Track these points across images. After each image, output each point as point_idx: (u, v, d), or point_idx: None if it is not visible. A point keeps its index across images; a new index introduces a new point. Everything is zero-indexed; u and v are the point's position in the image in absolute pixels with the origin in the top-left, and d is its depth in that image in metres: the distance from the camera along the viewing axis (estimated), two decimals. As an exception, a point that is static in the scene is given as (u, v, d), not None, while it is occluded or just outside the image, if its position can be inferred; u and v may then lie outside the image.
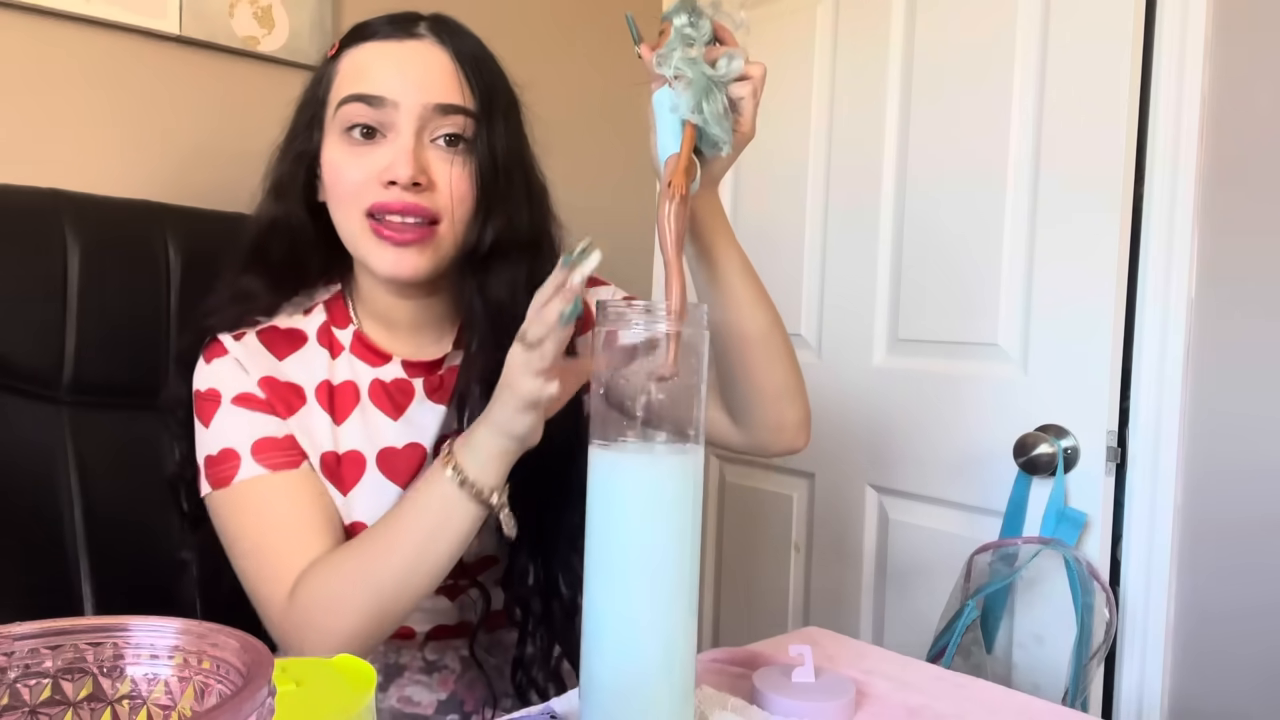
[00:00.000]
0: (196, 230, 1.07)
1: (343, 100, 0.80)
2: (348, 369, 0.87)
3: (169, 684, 0.36)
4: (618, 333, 0.61)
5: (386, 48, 0.81)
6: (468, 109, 0.80)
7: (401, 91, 0.79)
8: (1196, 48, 1.17)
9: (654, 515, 0.61)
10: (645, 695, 0.61)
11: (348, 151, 0.80)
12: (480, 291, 0.83)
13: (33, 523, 0.94)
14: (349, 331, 0.88)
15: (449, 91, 0.80)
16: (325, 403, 0.85)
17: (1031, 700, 0.78)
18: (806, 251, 1.58)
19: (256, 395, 0.82)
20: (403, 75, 0.79)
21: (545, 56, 1.62)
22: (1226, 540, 1.16)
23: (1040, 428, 1.26)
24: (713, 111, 0.69)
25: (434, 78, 0.80)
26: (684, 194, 0.67)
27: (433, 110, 0.79)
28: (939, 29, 1.40)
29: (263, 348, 0.85)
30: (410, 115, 0.79)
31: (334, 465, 0.84)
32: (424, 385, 0.88)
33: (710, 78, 0.69)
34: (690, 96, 0.69)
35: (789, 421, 0.85)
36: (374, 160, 0.79)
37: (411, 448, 0.86)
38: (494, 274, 0.83)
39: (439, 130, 0.80)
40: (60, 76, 1.15)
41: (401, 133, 0.79)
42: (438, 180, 0.80)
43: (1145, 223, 1.21)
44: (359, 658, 0.52)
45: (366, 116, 0.79)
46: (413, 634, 0.89)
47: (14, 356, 0.94)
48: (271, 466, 0.80)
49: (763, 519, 1.68)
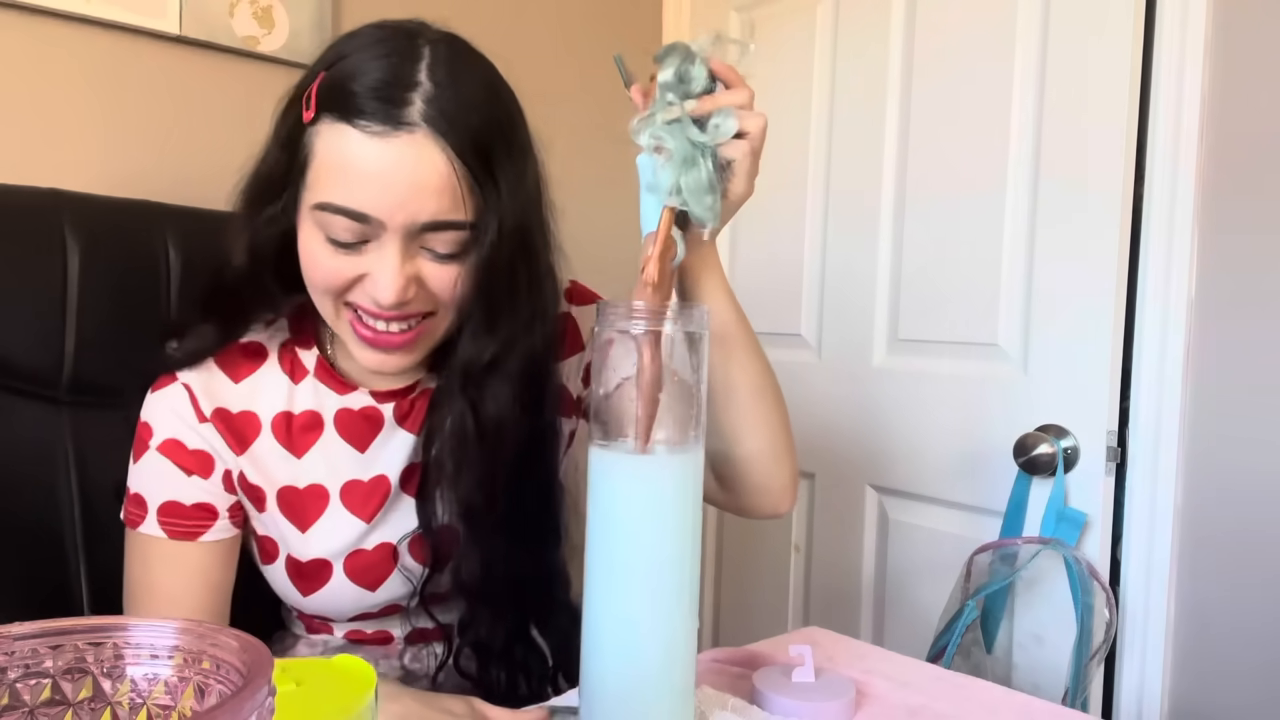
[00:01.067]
0: (196, 230, 1.07)
1: (320, 205, 0.69)
2: (311, 397, 0.81)
3: (169, 684, 0.36)
4: (616, 333, 0.61)
5: (370, 147, 0.67)
6: (465, 223, 0.70)
7: (387, 210, 0.68)
8: (1196, 48, 1.17)
9: (654, 515, 0.61)
10: (645, 695, 0.61)
11: (323, 248, 0.71)
12: (474, 409, 0.76)
13: (32, 523, 0.94)
14: (313, 354, 0.83)
15: (442, 206, 0.69)
16: (283, 436, 0.81)
17: (1031, 700, 0.78)
18: (806, 251, 1.58)
19: (184, 445, 0.78)
20: (386, 189, 0.67)
21: (545, 57, 1.62)
22: (1227, 540, 1.16)
23: (1040, 428, 1.26)
24: (694, 187, 0.63)
25: (426, 191, 0.68)
26: (658, 279, 0.64)
27: (420, 228, 0.69)
28: (939, 29, 1.40)
29: (218, 370, 0.80)
30: (395, 235, 0.69)
31: (293, 500, 0.80)
32: (394, 411, 0.83)
33: (696, 144, 0.64)
34: (670, 174, 0.63)
35: (776, 484, 0.82)
36: (356, 264, 0.71)
37: (377, 480, 0.82)
38: (490, 390, 0.76)
39: (430, 245, 0.71)
40: (60, 76, 1.15)
41: (385, 249, 0.69)
42: (430, 281, 0.72)
43: (1145, 223, 1.21)
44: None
45: (350, 232, 0.69)
46: (391, 638, 0.89)
47: (13, 356, 0.94)
48: (169, 533, 0.78)
49: (763, 519, 1.68)
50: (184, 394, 0.80)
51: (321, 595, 0.82)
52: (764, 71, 1.68)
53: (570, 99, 1.66)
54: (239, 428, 0.80)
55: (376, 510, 0.82)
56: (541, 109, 0.91)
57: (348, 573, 0.82)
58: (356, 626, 0.89)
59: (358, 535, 0.81)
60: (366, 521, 0.82)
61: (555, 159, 0.90)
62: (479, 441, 0.77)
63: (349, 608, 0.84)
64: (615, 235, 1.77)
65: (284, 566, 0.83)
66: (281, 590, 0.85)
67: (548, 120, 0.90)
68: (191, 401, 0.80)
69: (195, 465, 0.79)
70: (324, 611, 0.85)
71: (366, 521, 0.82)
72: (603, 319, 0.61)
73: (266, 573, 0.85)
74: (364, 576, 0.82)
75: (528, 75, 0.90)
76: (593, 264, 1.05)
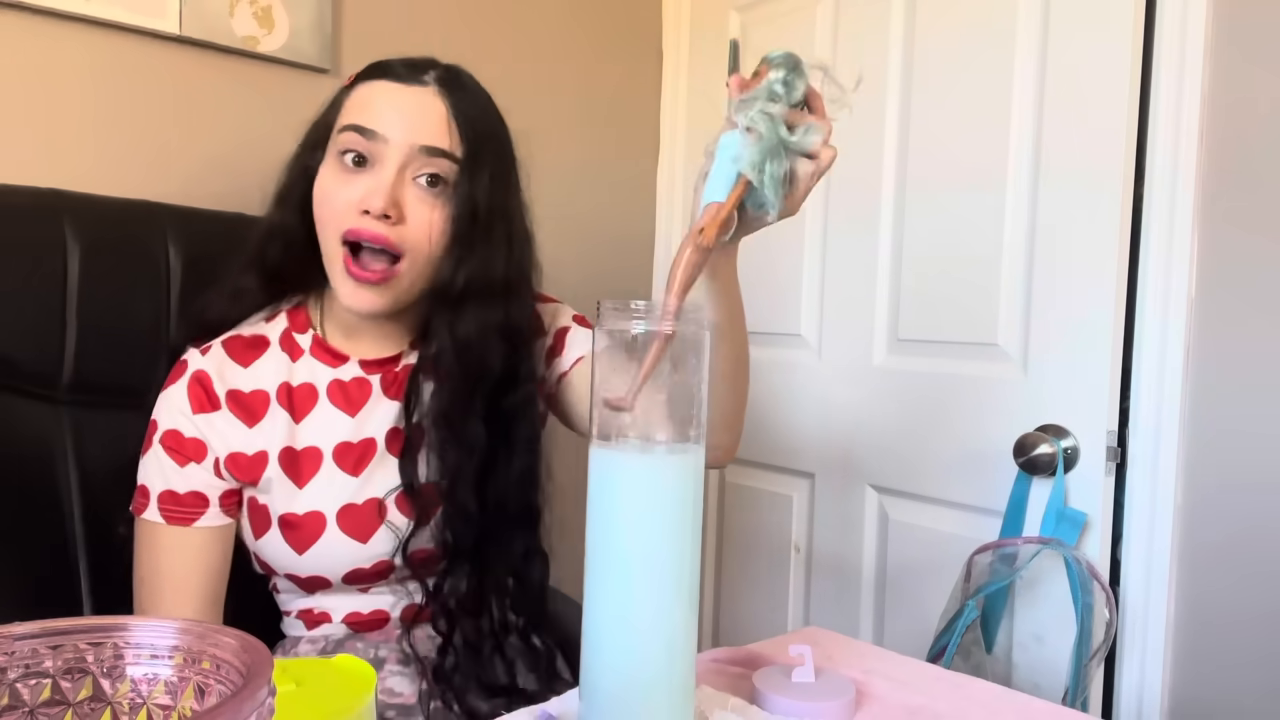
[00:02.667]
0: (196, 231, 1.07)
1: (343, 127, 0.87)
2: (307, 371, 0.93)
3: (169, 684, 0.36)
4: (614, 333, 0.61)
5: (392, 89, 0.86)
6: (452, 154, 0.86)
7: (393, 129, 0.85)
8: (1196, 48, 1.17)
9: (654, 515, 0.61)
10: (645, 695, 0.61)
11: (336, 176, 0.86)
12: (450, 328, 0.89)
13: (32, 522, 0.94)
14: (308, 336, 0.95)
15: (437, 136, 0.86)
16: (285, 403, 0.92)
17: (1031, 700, 0.78)
18: (806, 251, 1.58)
19: (181, 435, 0.89)
20: (398, 115, 0.85)
21: (545, 56, 1.62)
22: (1227, 540, 1.16)
23: (1040, 428, 1.26)
24: (773, 174, 0.68)
25: (427, 122, 0.86)
26: (709, 245, 0.66)
27: (418, 150, 0.85)
28: (938, 29, 1.40)
29: (228, 358, 0.92)
30: (397, 151, 0.84)
31: (291, 460, 0.90)
32: (380, 381, 0.94)
33: (784, 141, 0.68)
34: (758, 152, 0.67)
35: (725, 443, 0.92)
36: (356, 187, 0.85)
37: (366, 442, 0.92)
38: (465, 314, 0.88)
39: (421, 170, 0.85)
40: (60, 76, 1.15)
41: (385, 166, 0.85)
42: (409, 216, 0.85)
43: (1145, 223, 1.21)
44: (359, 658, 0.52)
45: (359, 146, 0.85)
46: (387, 617, 0.94)
47: (14, 356, 0.94)
48: (167, 519, 0.88)
49: (763, 519, 1.68)
50: (188, 388, 0.90)
51: (316, 550, 0.89)
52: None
53: (570, 98, 1.66)
54: (251, 405, 0.91)
55: (364, 468, 0.91)
56: (541, 106, 0.91)
57: (340, 524, 0.90)
58: (353, 608, 0.93)
59: (347, 489, 0.90)
60: (355, 477, 0.91)
61: (550, 150, 0.91)
62: (456, 361, 0.88)
63: (343, 561, 0.90)
64: (615, 235, 1.77)
65: (278, 530, 0.89)
66: (277, 559, 0.91)
67: (549, 116, 0.90)
68: (202, 388, 0.90)
69: (190, 453, 0.89)
70: (319, 570, 0.90)
71: (355, 477, 0.91)
72: (603, 319, 0.61)
73: (260, 548, 0.91)
74: (354, 529, 0.90)
75: (528, 73, 0.90)
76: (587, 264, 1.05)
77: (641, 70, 1.79)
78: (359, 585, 0.92)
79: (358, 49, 1.38)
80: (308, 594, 0.93)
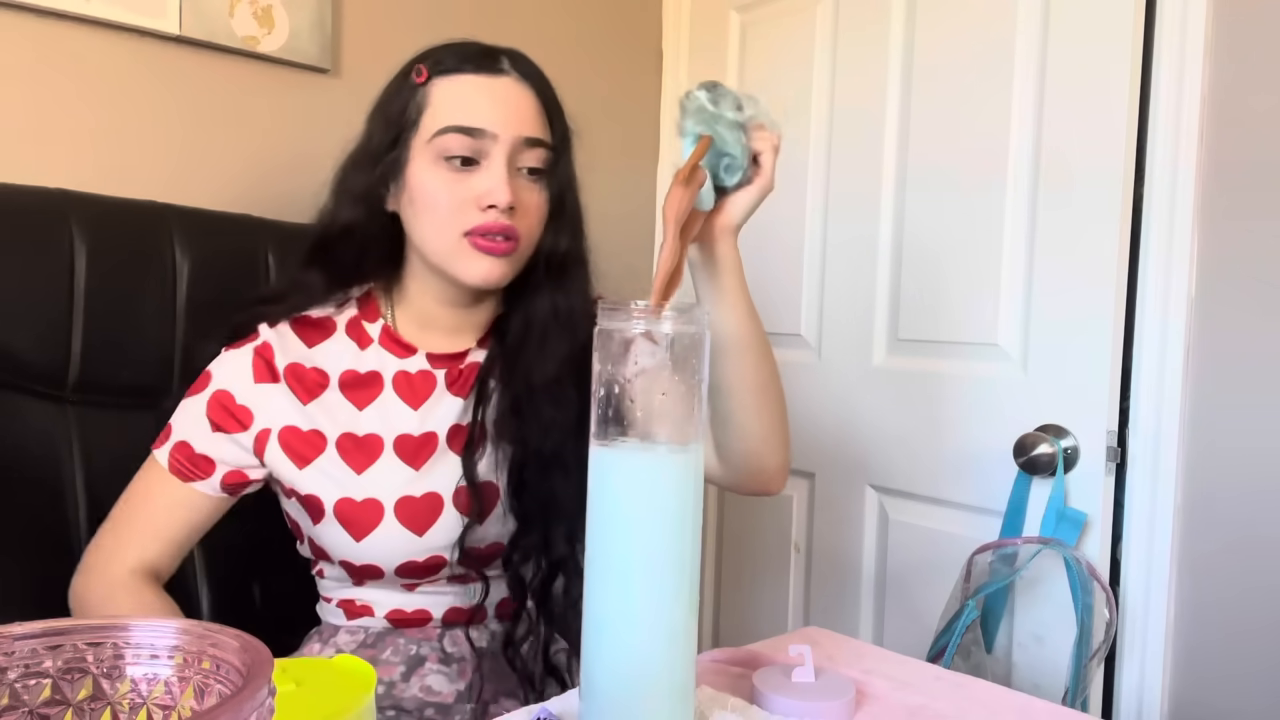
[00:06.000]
0: (202, 231, 1.07)
1: (442, 130, 0.87)
2: (375, 359, 0.94)
3: (169, 684, 0.36)
4: (615, 331, 0.61)
5: (481, 82, 0.88)
6: (549, 143, 0.91)
7: (498, 124, 0.87)
8: (1196, 48, 1.17)
9: (654, 515, 0.61)
10: (645, 695, 0.61)
11: (445, 177, 0.87)
12: (554, 294, 0.94)
13: (37, 522, 0.94)
14: (378, 325, 0.96)
15: (536, 127, 0.90)
16: (348, 390, 0.93)
17: (1031, 700, 0.78)
18: (806, 251, 1.58)
19: (233, 398, 0.90)
20: (498, 109, 0.88)
21: (545, 56, 1.62)
22: (1227, 539, 1.16)
23: (1040, 428, 1.26)
24: (730, 125, 0.75)
25: (524, 113, 0.89)
26: (685, 176, 0.73)
27: (521, 142, 0.88)
28: (938, 29, 1.40)
29: (294, 335, 0.93)
30: (504, 146, 0.87)
31: (351, 446, 0.91)
32: (445, 376, 0.95)
33: (731, 119, 0.75)
34: (709, 117, 0.75)
35: (771, 466, 0.92)
36: (470, 185, 0.87)
37: (427, 436, 0.92)
38: (567, 279, 0.94)
39: (525, 161, 0.89)
40: (60, 76, 1.15)
41: (496, 161, 0.87)
42: (521, 199, 0.89)
43: (1145, 223, 1.21)
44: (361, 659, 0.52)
45: (466, 148, 0.87)
46: (429, 617, 0.93)
47: (21, 355, 0.94)
48: (170, 466, 0.90)
49: (763, 519, 1.68)
50: (253, 356, 0.91)
51: (373, 539, 0.89)
52: (764, 72, 1.68)
53: (570, 98, 1.66)
54: (309, 381, 0.92)
55: (424, 461, 0.92)
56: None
57: (398, 515, 0.89)
58: (397, 604, 0.93)
59: (406, 480, 0.90)
60: (415, 469, 0.91)
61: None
62: (556, 324, 0.92)
63: (398, 552, 0.90)
64: (614, 235, 1.77)
65: (334, 517, 0.89)
66: (333, 546, 0.90)
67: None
68: (264, 360, 0.91)
69: (232, 420, 0.90)
70: (374, 558, 0.90)
71: (415, 469, 0.91)
72: (603, 318, 0.62)
73: (317, 535, 0.91)
74: (411, 521, 0.90)
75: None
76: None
77: (641, 70, 1.79)
78: (408, 580, 0.92)
79: (358, 49, 1.38)
80: (356, 584, 0.93)
